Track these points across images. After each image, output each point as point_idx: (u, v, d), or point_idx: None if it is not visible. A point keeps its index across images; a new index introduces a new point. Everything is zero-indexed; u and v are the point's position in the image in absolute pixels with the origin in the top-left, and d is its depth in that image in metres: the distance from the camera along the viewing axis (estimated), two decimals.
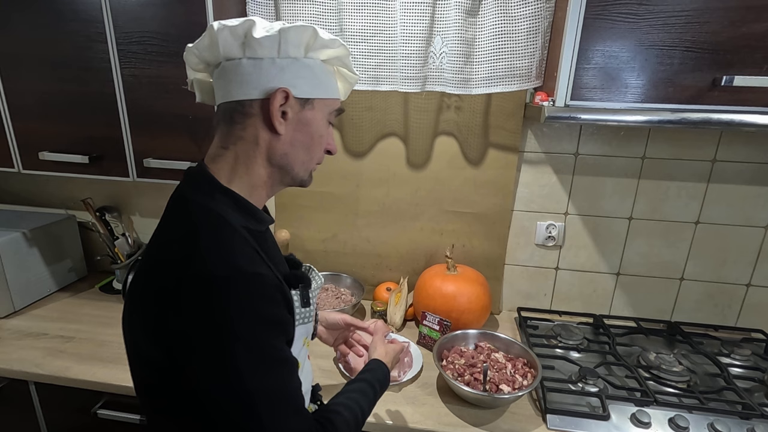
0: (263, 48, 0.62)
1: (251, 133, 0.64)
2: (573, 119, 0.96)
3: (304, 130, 0.66)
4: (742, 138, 1.26)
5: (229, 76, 0.64)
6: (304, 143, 0.67)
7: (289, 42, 0.62)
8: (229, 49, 0.63)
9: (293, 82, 0.63)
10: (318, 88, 0.66)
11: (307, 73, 0.65)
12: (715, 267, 1.38)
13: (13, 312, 1.38)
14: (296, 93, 0.64)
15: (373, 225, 1.49)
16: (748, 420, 1.00)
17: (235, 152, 0.65)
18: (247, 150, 0.65)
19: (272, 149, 0.65)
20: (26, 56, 1.15)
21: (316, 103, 0.67)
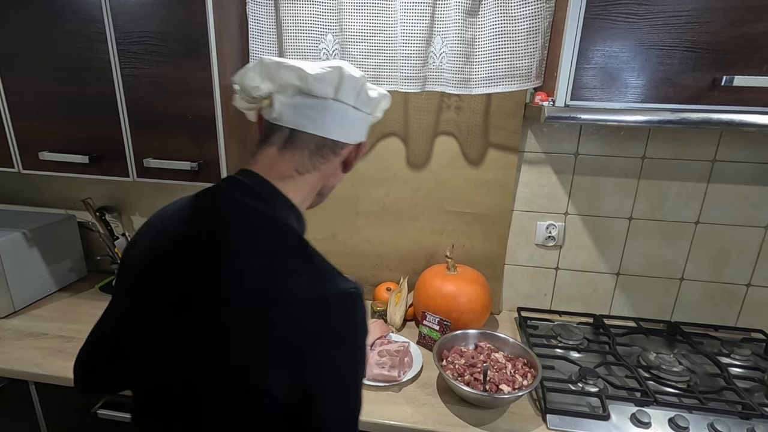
0: (368, 106, 0.72)
1: (328, 168, 0.71)
2: (573, 119, 0.96)
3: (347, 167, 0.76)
4: (742, 138, 1.26)
5: (333, 116, 0.68)
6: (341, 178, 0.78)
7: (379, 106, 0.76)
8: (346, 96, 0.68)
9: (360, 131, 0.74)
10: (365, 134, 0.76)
11: (365, 123, 0.74)
12: (715, 267, 1.38)
13: (13, 312, 1.38)
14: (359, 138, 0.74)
15: (373, 225, 1.49)
16: (748, 420, 1.00)
17: (310, 180, 0.70)
18: (317, 180, 0.71)
19: (330, 183, 0.75)
20: (26, 56, 1.15)
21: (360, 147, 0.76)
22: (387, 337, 1.27)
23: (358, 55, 1.22)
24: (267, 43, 1.26)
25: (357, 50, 1.22)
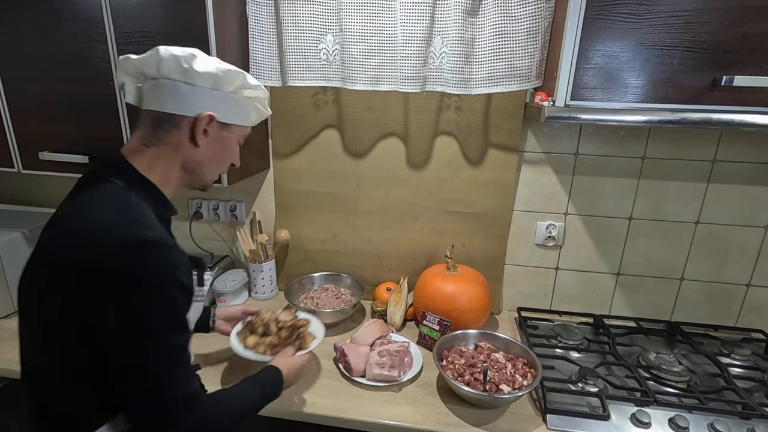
0: (202, 79, 0.76)
1: (174, 141, 0.77)
2: (573, 119, 0.96)
3: (219, 147, 0.82)
4: (742, 138, 1.26)
5: (164, 92, 0.76)
6: (217, 157, 0.83)
7: (224, 80, 0.78)
8: (170, 72, 0.75)
9: (220, 109, 0.79)
10: (238, 117, 0.83)
11: (232, 104, 0.81)
12: (715, 267, 1.38)
13: (13, 312, 1.37)
14: (219, 118, 0.79)
15: (373, 225, 1.49)
16: (748, 420, 1.00)
17: (157, 153, 0.77)
18: (168, 153, 0.78)
19: (188, 158, 0.79)
20: (26, 56, 1.15)
21: (233, 128, 0.83)
22: (387, 337, 1.27)
23: (358, 55, 1.22)
24: (267, 43, 1.26)
25: (357, 50, 1.22)
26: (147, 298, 0.65)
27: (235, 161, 0.89)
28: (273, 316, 1.11)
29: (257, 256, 1.48)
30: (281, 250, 1.55)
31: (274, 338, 1.06)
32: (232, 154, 0.86)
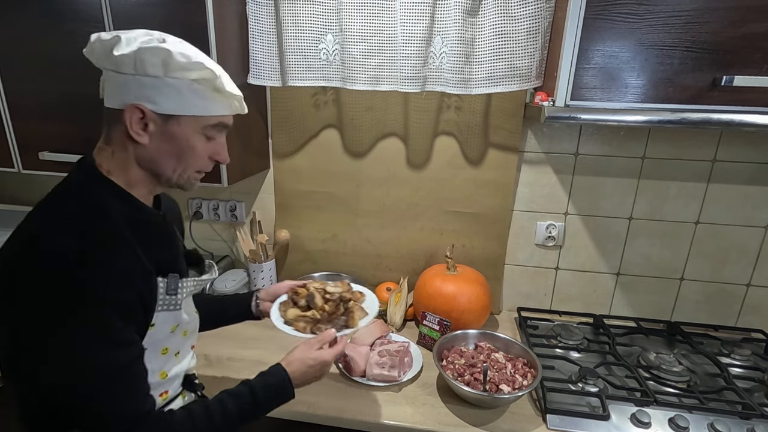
0: (123, 65, 0.65)
1: (120, 138, 0.69)
2: (573, 119, 0.96)
3: (170, 142, 0.70)
4: (742, 138, 1.26)
5: (105, 84, 0.70)
6: (173, 154, 0.71)
7: (146, 62, 0.65)
8: (100, 60, 0.68)
9: (154, 98, 0.66)
10: (183, 106, 0.68)
11: (170, 91, 0.67)
12: (715, 267, 1.38)
13: None
14: (157, 109, 0.67)
15: (373, 225, 1.49)
16: (748, 420, 1.00)
17: (113, 150, 0.71)
18: (121, 151, 0.70)
19: (139, 155, 0.70)
20: (26, 56, 1.15)
21: (183, 119, 0.69)
22: (387, 337, 1.27)
23: (358, 55, 1.22)
24: (267, 43, 1.26)
25: (357, 50, 1.22)
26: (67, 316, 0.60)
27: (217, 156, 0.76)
28: (321, 286, 0.99)
29: (257, 256, 1.48)
30: (281, 250, 1.55)
31: (317, 312, 0.93)
32: (194, 150, 0.72)
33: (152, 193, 0.76)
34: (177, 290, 0.73)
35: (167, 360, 0.77)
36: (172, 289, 0.72)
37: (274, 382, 0.81)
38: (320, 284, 1.00)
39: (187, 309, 0.80)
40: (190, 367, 0.85)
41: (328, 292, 0.97)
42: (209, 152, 0.75)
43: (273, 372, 0.82)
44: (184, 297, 0.75)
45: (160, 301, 0.71)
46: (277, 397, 0.81)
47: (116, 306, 0.63)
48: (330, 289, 0.99)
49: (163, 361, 0.76)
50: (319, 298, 0.95)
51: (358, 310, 0.95)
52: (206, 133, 0.73)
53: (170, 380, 0.78)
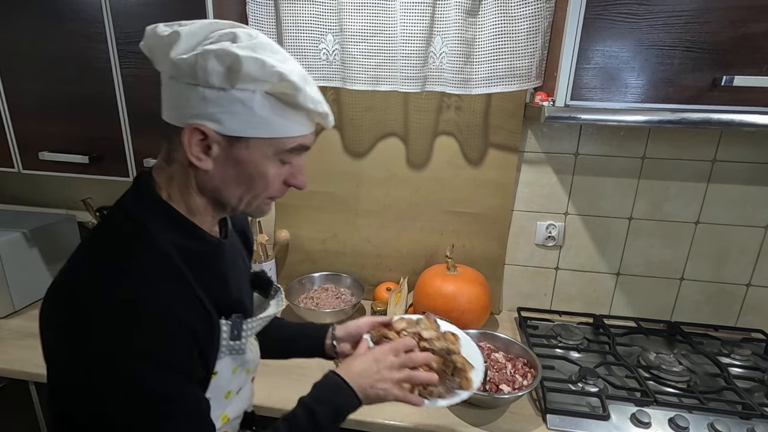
0: (182, 72, 0.53)
1: (180, 159, 0.58)
2: (573, 119, 0.96)
3: (237, 168, 0.57)
4: (742, 138, 1.26)
5: (163, 89, 0.58)
6: (240, 181, 0.59)
7: (209, 70, 0.51)
8: (157, 60, 0.57)
9: (218, 116, 0.54)
10: (253, 126, 0.55)
11: (238, 108, 0.54)
12: (715, 267, 1.38)
13: (13, 312, 1.37)
14: (221, 130, 0.54)
15: (373, 225, 1.49)
16: (748, 420, 0.99)
17: (172, 172, 0.59)
18: (181, 174, 0.59)
19: (201, 182, 0.59)
20: (26, 56, 1.15)
21: (252, 142, 0.56)
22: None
23: (358, 55, 1.22)
24: None
25: (357, 50, 1.22)
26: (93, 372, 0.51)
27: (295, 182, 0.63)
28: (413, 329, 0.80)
29: (257, 256, 1.48)
30: (281, 250, 1.55)
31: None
32: (265, 177, 0.59)
33: (217, 218, 0.65)
34: (242, 333, 0.63)
35: (230, 402, 0.69)
36: (236, 333, 0.62)
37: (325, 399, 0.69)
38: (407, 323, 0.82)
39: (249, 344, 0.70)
40: (250, 403, 0.77)
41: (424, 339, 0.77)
42: (284, 177, 0.62)
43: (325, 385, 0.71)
44: (248, 339, 0.65)
45: (223, 348, 0.61)
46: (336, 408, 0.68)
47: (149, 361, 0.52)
48: (426, 334, 0.78)
49: (225, 404, 0.68)
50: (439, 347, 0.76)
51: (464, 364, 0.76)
52: (281, 158, 0.59)
53: (231, 422, 0.70)
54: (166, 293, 0.54)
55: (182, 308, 0.55)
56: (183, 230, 0.59)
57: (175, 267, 0.57)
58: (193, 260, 0.59)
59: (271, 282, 0.78)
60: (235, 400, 0.71)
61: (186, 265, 0.58)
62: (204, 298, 0.58)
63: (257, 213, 0.65)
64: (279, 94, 0.55)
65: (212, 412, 0.62)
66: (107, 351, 0.51)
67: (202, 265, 0.60)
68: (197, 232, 0.61)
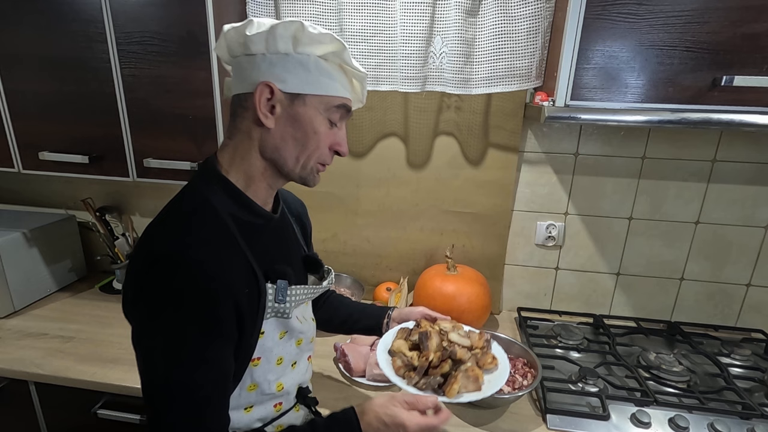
0: (255, 44, 0.64)
1: (246, 126, 0.67)
2: (573, 119, 0.96)
3: (295, 125, 0.67)
4: (742, 138, 1.26)
5: (234, 72, 0.69)
6: (296, 138, 0.67)
7: (277, 37, 0.63)
8: (234, 48, 0.67)
9: (283, 76, 0.65)
10: (310, 83, 0.66)
11: (298, 68, 0.65)
12: (715, 267, 1.38)
13: (13, 312, 1.38)
14: (285, 88, 0.65)
15: (373, 225, 1.49)
16: (748, 420, 1.00)
17: (235, 144, 0.69)
18: (244, 142, 0.68)
19: (264, 142, 0.67)
20: (26, 56, 1.15)
21: (308, 99, 0.66)
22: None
23: (358, 55, 1.22)
24: None
25: (357, 50, 1.22)
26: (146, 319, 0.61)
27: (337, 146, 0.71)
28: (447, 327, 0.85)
29: None
30: None
31: (419, 358, 0.78)
32: (318, 134, 0.68)
33: (272, 187, 0.73)
34: (286, 298, 0.70)
35: (284, 371, 0.75)
36: (281, 297, 0.69)
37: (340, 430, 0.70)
38: (452, 325, 0.86)
39: (301, 316, 0.77)
40: (305, 378, 0.83)
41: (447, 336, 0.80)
42: (330, 141, 0.70)
43: (342, 417, 0.71)
44: (293, 305, 0.72)
45: (269, 309, 0.68)
46: None
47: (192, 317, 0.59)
48: (454, 336, 0.82)
49: (279, 371, 0.74)
50: (434, 343, 0.79)
51: (466, 379, 0.76)
52: (330, 117, 0.69)
53: (286, 392, 0.76)
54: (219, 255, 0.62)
55: (231, 270, 0.62)
56: (238, 203, 0.68)
57: (230, 234, 0.65)
58: (245, 229, 0.67)
59: (321, 264, 0.85)
60: (290, 372, 0.77)
61: (240, 234, 0.66)
62: (253, 263, 0.66)
63: (310, 178, 0.72)
64: (329, 55, 0.66)
65: (266, 375, 0.71)
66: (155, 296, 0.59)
67: (252, 234, 0.69)
68: (250, 205, 0.69)
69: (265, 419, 0.75)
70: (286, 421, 0.78)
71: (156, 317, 0.60)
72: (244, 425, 0.73)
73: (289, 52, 0.64)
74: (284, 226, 0.79)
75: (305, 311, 0.81)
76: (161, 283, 0.59)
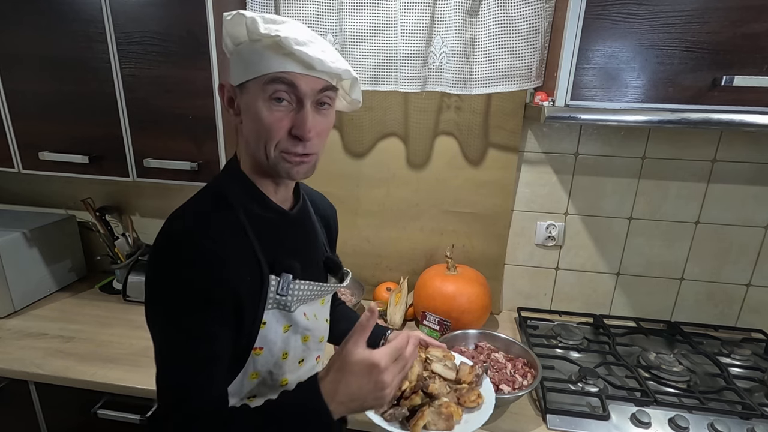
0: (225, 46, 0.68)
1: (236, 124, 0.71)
2: (573, 119, 0.96)
3: (247, 116, 0.67)
4: (742, 138, 1.26)
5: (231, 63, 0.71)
6: (251, 129, 0.66)
7: (224, 36, 0.66)
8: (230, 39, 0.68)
9: (232, 71, 0.67)
10: (245, 70, 0.64)
11: (237, 59, 0.66)
12: (715, 267, 1.38)
13: (13, 312, 1.38)
14: (233, 81, 0.67)
15: (373, 225, 1.49)
16: (748, 420, 1.00)
17: (240, 142, 0.72)
18: (240, 140, 0.72)
19: (244, 139, 0.70)
20: (26, 56, 1.15)
21: (249, 86, 0.65)
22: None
23: (358, 55, 1.22)
24: None
25: (357, 50, 1.22)
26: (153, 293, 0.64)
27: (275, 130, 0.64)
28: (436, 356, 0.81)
29: None
30: None
31: None
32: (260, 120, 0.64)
33: (279, 185, 0.73)
34: (288, 291, 0.70)
35: (290, 367, 0.75)
36: (283, 290, 0.70)
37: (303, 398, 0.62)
38: (442, 354, 0.81)
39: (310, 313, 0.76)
40: None
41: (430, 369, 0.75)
42: (286, 125, 0.64)
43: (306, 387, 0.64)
44: (296, 299, 0.72)
45: (270, 299, 0.69)
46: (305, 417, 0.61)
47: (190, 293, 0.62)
48: (437, 367, 0.77)
49: (285, 367, 0.74)
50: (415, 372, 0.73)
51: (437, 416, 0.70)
52: (270, 96, 0.63)
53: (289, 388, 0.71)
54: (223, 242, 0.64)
55: (233, 257, 0.65)
56: (252, 197, 0.71)
57: (239, 224, 0.67)
58: (256, 221, 0.70)
59: (340, 266, 0.85)
60: (297, 368, 0.77)
61: (250, 225, 0.68)
62: (259, 253, 0.68)
63: (282, 169, 0.67)
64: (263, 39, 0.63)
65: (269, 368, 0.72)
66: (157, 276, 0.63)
67: (263, 227, 0.70)
68: (262, 198, 0.71)
69: None
70: None
71: (156, 296, 0.64)
72: None
73: (231, 49, 0.68)
74: (303, 225, 0.79)
75: (318, 310, 0.80)
76: (163, 265, 0.63)
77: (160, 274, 0.63)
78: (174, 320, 0.63)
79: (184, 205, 0.69)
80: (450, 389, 0.78)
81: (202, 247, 0.62)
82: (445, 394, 0.75)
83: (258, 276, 0.68)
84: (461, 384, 0.80)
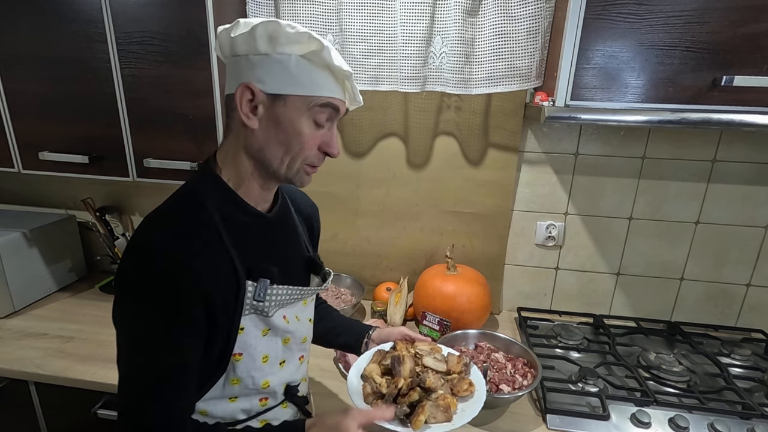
0: (239, 46, 0.65)
1: (235, 126, 0.68)
2: (573, 119, 0.96)
3: (278, 126, 0.66)
4: (742, 138, 1.26)
5: (226, 73, 0.70)
6: (279, 140, 0.66)
7: (257, 37, 0.63)
8: (225, 49, 0.68)
9: (263, 77, 0.64)
10: (291, 84, 0.64)
11: (278, 68, 0.64)
12: (715, 267, 1.38)
13: (13, 312, 1.37)
14: (265, 88, 0.64)
15: (373, 225, 1.49)
16: (748, 420, 1.00)
17: (228, 143, 0.70)
18: (233, 141, 0.69)
19: (249, 143, 0.68)
20: (26, 56, 1.15)
21: (290, 99, 0.65)
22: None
23: (358, 55, 1.22)
24: None
25: (357, 50, 1.22)
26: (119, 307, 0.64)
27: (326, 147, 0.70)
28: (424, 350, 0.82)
29: None
30: None
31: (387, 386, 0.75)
32: (300, 136, 0.66)
33: (265, 188, 0.72)
34: (265, 297, 0.69)
35: (270, 369, 0.74)
36: (260, 296, 0.69)
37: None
38: (429, 348, 0.83)
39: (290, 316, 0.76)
40: (296, 378, 0.81)
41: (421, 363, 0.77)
42: (318, 142, 0.68)
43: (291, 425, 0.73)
44: (273, 304, 0.71)
45: (247, 306, 0.68)
46: None
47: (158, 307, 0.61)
48: (428, 361, 0.79)
49: (266, 369, 0.73)
50: (406, 368, 0.75)
51: (435, 408, 0.72)
52: (314, 117, 0.66)
53: (272, 390, 0.76)
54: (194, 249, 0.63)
55: (206, 265, 0.63)
56: (228, 200, 0.69)
57: (214, 230, 0.66)
58: (232, 227, 0.68)
59: (321, 266, 0.84)
60: (278, 370, 0.76)
61: (225, 229, 0.67)
62: (236, 259, 0.67)
63: (297, 179, 0.71)
64: (310, 56, 0.64)
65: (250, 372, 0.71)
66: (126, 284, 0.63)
67: (240, 232, 0.69)
68: (240, 203, 0.70)
69: (250, 412, 0.75)
70: (273, 417, 0.78)
71: (124, 303, 0.63)
72: (228, 415, 0.74)
73: (268, 52, 0.64)
74: (282, 226, 0.78)
75: (300, 311, 0.80)
76: (133, 272, 0.62)
77: (127, 287, 0.63)
78: (141, 333, 0.62)
79: (159, 208, 0.67)
80: (443, 381, 0.79)
81: (173, 258, 0.61)
82: (440, 387, 0.77)
83: (234, 283, 0.67)
84: (451, 374, 0.81)
